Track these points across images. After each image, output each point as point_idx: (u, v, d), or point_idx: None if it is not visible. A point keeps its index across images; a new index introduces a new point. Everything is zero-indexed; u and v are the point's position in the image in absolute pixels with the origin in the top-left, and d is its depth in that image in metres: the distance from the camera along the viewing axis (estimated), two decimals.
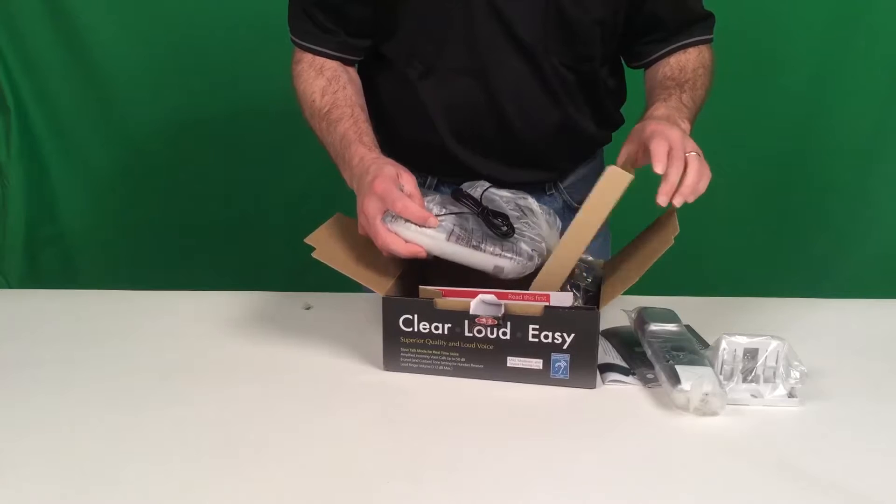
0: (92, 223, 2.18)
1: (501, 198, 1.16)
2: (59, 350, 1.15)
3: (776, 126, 2.05)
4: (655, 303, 1.16)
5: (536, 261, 1.08)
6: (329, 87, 1.25)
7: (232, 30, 1.98)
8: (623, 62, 1.36)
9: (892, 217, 2.09)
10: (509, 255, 1.06)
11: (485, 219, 1.07)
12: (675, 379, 0.98)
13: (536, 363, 1.03)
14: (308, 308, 1.26)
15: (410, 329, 1.04)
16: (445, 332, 1.03)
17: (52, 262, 2.19)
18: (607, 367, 1.07)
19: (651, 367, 1.05)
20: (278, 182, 2.12)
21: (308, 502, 0.84)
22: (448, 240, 1.05)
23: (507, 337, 1.03)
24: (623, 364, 1.08)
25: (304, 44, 1.28)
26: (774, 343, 1.00)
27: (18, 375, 1.09)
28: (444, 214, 1.07)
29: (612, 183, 1.03)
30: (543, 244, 1.10)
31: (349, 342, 1.16)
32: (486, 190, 1.16)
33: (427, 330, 1.04)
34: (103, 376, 1.08)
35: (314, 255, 1.05)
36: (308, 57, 1.28)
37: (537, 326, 1.02)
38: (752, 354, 1.01)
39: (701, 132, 1.16)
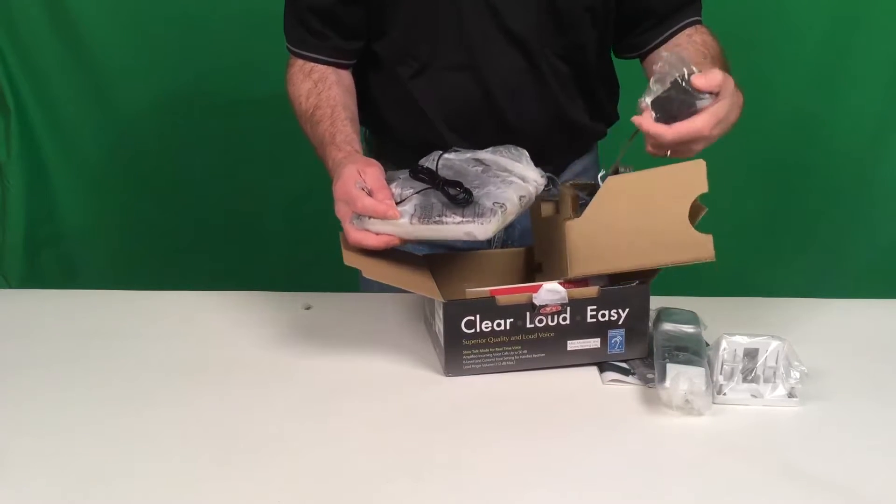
0: (92, 223, 2.17)
1: (459, 159, 1.15)
2: (59, 350, 1.15)
3: (776, 126, 2.04)
4: (655, 302, 1.15)
5: (500, 215, 1.05)
6: (314, 88, 1.26)
7: (234, 32, 1.98)
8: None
9: (892, 217, 2.09)
10: (470, 218, 1.04)
11: (441, 190, 1.07)
12: (663, 376, 0.99)
13: (595, 342, 1.07)
14: (308, 308, 1.26)
15: (472, 330, 1.05)
16: (507, 327, 1.05)
17: (52, 262, 2.19)
18: (607, 367, 1.07)
19: (652, 367, 1.05)
20: (278, 182, 2.12)
21: (308, 502, 0.84)
22: (412, 223, 1.05)
23: (567, 322, 1.05)
24: (623, 364, 1.08)
25: (297, 51, 1.29)
26: (774, 343, 1.00)
27: (18, 375, 1.09)
28: (408, 197, 1.08)
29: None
30: (510, 189, 1.08)
31: (349, 342, 1.16)
32: (440, 157, 1.15)
33: (489, 328, 1.05)
34: (103, 376, 1.08)
35: (366, 274, 1.05)
36: (299, 61, 1.29)
37: (595, 307, 1.05)
38: (752, 354, 1.01)
39: None
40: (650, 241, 1.05)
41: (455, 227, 1.05)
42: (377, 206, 1.04)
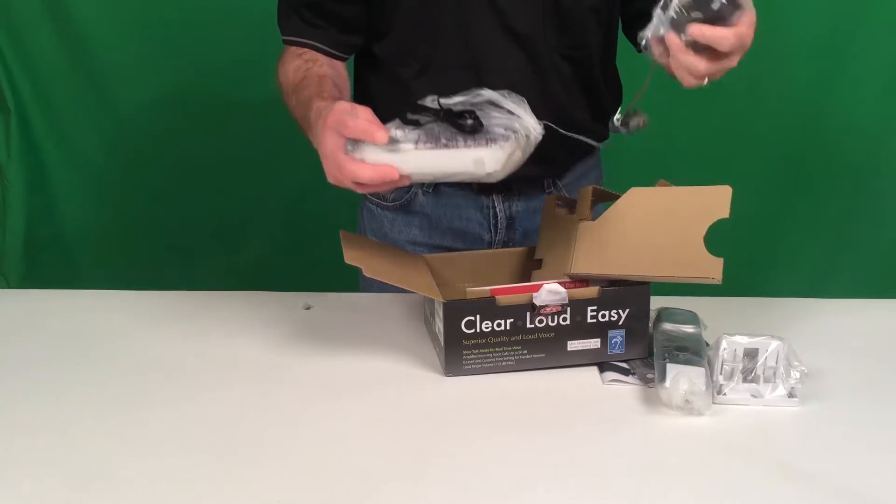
0: (92, 223, 2.17)
1: (457, 100, 1.05)
2: (59, 350, 1.15)
3: (776, 126, 2.04)
4: (655, 302, 1.15)
5: (513, 140, 0.98)
6: (303, 65, 1.22)
7: (233, 32, 1.98)
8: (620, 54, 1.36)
9: (892, 217, 2.09)
10: (483, 142, 0.97)
11: (449, 120, 0.98)
12: (663, 376, 0.99)
13: (595, 343, 1.07)
14: (308, 308, 1.26)
15: (472, 330, 1.05)
16: (508, 327, 1.05)
17: (52, 262, 2.18)
18: (607, 367, 1.07)
19: (652, 367, 1.05)
20: (279, 182, 2.12)
21: (308, 502, 0.84)
22: (416, 148, 0.97)
23: (568, 322, 1.05)
24: (623, 364, 1.08)
25: (291, 39, 1.26)
26: (774, 343, 1.00)
27: (18, 375, 1.09)
28: (409, 132, 0.99)
29: None
30: (516, 122, 1.01)
31: (349, 342, 1.16)
32: (438, 99, 1.05)
33: (489, 328, 1.05)
34: (103, 376, 1.08)
35: (366, 272, 1.04)
36: (292, 48, 1.27)
37: (595, 307, 1.05)
38: (752, 354, 1.01)
39: (702, 131, 1.16)
40: (660, 255, 1.05)
41: (465, 152, 0.97)
42: (369, 126, 0.97)
